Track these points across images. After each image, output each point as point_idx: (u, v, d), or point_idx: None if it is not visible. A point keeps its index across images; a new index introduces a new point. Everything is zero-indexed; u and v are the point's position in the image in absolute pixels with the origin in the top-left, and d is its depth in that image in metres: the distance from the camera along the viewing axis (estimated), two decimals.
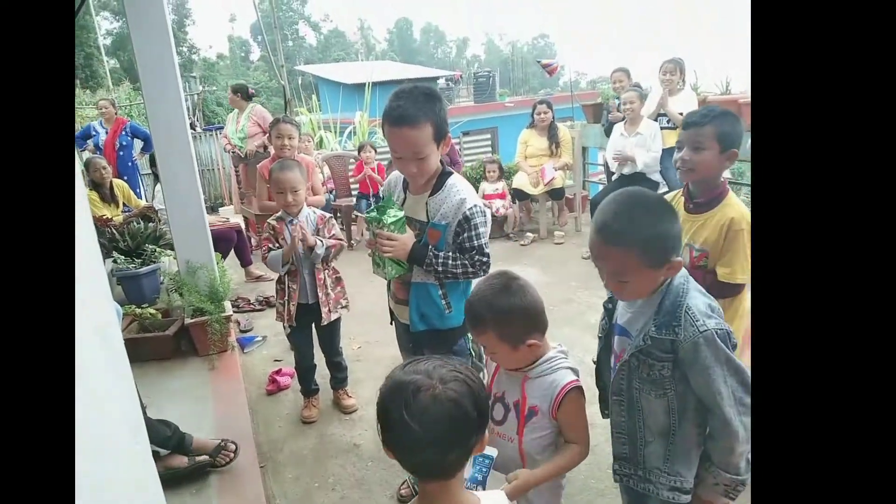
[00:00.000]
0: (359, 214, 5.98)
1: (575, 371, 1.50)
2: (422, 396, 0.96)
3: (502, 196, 5.94)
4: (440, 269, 1.87)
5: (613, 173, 5.23)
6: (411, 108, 1.72)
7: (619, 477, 1.47)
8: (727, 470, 1.33)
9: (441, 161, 1.95)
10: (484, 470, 1.41)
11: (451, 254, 1.89)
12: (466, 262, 1.87)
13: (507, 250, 5.67)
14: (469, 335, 1.99)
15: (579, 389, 1.47)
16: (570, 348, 1.61)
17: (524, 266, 5.17)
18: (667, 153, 4.67)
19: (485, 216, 1.87)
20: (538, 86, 32.62)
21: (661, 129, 4.78)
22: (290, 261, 2.72)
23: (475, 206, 1.85)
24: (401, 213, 1.95)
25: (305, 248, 2.69)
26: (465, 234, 1.86)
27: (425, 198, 1.92)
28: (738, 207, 1.89)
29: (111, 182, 5.02)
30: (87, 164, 4.93)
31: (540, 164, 5.73)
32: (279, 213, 2.82)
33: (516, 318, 1.42)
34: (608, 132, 5.50)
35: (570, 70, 8.59)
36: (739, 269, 1.88)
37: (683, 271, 1.35)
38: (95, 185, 4.85)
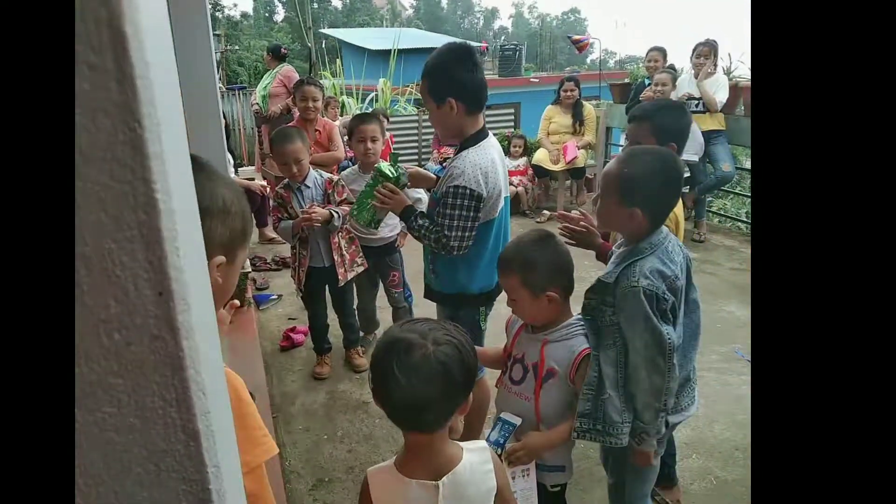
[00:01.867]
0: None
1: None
2: (413, 354, 1.01)
3: (523, 173, 5.92)
4: (416, 233, 1.94)
5: None
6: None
7: (578, 434, 1.52)
8: (636, 416, 1.47)
9: (483, 130, 1.94)
10: (507, 435, 1.52)
11: (428, 223, 1.92)
12: (431, 234, 1.89)
13: (522, 227, 5.67)
14: (483, 310, 2.05)
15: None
16: None
17: None
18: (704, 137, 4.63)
19: (464, 197, 1.81)
20: (565, 62, 32.00)
21: (693, 112, 4.72)
22: (301, 231, 2.73)
23: (458, 186, 1.81)
24: (403, 176, 2.06)
25: (321, 224, 2.69)
26: (438, 209, 1.87)
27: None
28: None
29: None
30: None
31: (562, 142, 5.70)
32: (286, 181, 2.82)
33: (542, 267, 1.49)
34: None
35: (600, 48, 8.41)
36: None
37: (664, 231, 1.51)
38: None
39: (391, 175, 2.02)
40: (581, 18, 64.52)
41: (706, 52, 4.72)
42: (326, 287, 2.95)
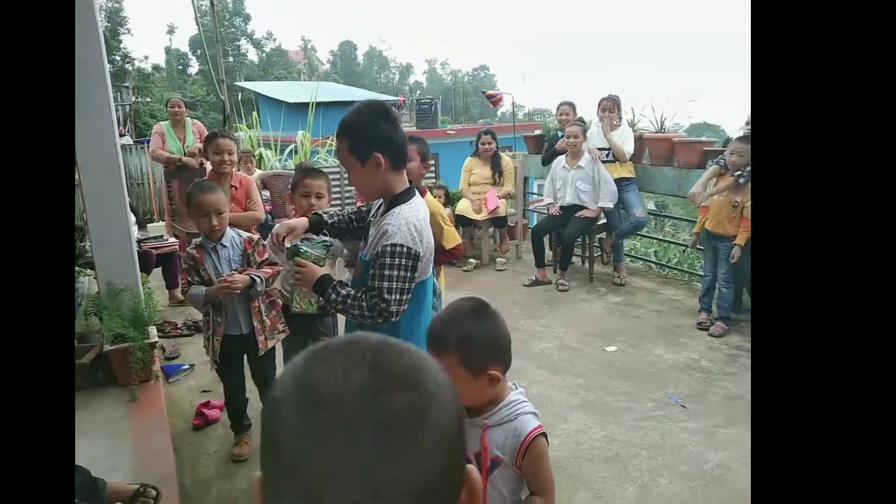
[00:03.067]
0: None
1: (537, 415, 1.43)
2: None
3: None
4: (339, 306, 1.80)
5: (550, 206, 5.35)
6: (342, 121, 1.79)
7: None
8: None
9: (412, 184, 1.87)
10: None
11: (353, 291, 1.79)
12: (364, 302, 1.74)
13: (450, 276, 5.62)
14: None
15: (543, 436, 1.39)
16: (517, 379, 1.56)
17: (467, 292, 5.14)
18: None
19: (402, 256, 1.71)
20: (478, 115, 33.32)
21: (603, 162, 4.95)
22: (215, 299, 2.52)
23: (395, 244, 1.71)
24: (321, 249, 1.93)
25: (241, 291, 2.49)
26: (372, 272, 1.74)
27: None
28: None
29: None
30: None
31: (483, 192, 5.79)
32: (199, 240, 2.61)
33: (482, 344, 1.35)
34: (546, 162, 5.64)
35: (511, 102, 8.77)
36: None
37: None
38: None
39: (307, 255, 1.89)
40: (490, 74, 67.86)
41: (610, 107, 5.02)
42: (245, 356, 2.71)
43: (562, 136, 5.23)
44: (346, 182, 6.88)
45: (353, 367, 0.47)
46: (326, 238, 2.03)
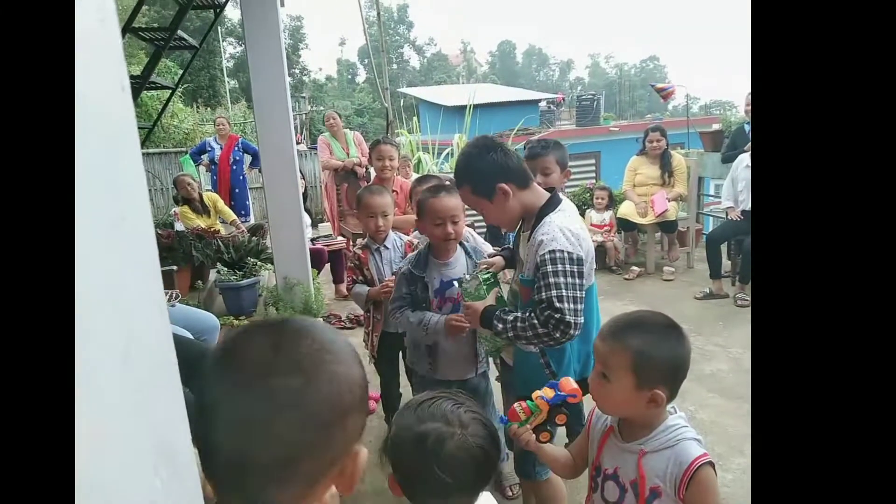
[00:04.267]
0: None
1: (701, 442, 1.24)
2: (448, 446, 0.98)
3: (610, 227, 5.59)
4: (511, 334, 1.64)
5: (730, 209, 4.76)
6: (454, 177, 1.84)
7: None
8: None
9: (554, 193, 1.77)
10: None
11: (519, 314, 1.65)
12: (535, 320, 1.57)
13: (609, 284, 5.29)
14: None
15: (711, 465, 1.20)
16: (683, 403, 1.33)
17: (627, 303, 4.78)
18: None
19: (564, 261, 1.57)
20: (645, 110, 31.50)
21: None
22: (377, 298, 2.58)
23: (550, 250, 1.58)
24: (483, 275, 1.85)
25: None
26: (537, 285, 1.60)
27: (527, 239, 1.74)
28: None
29: (201, 194, 5.30)
30: (175, 182, 5.26)
31: (650, 194, 5.33)
32: (364, 241, 2.71)
33: (661, 360, 1.21)
34: (727, 160, 5.02)
35: (684, 95, 8.05)
36: None
37: None
38: (186, 199, 5.14)
39: (466, 292, 1.86)
40: (660, 65, 63.85)
41: None
42: (400, 353, 2.76)
43: (748, 131, 4.62)
44: None
45: (261, 344, 0.61)
46: (486, 270, 1.96)
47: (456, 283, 1.92)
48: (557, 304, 1.54)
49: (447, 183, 2.14)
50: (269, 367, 0.59)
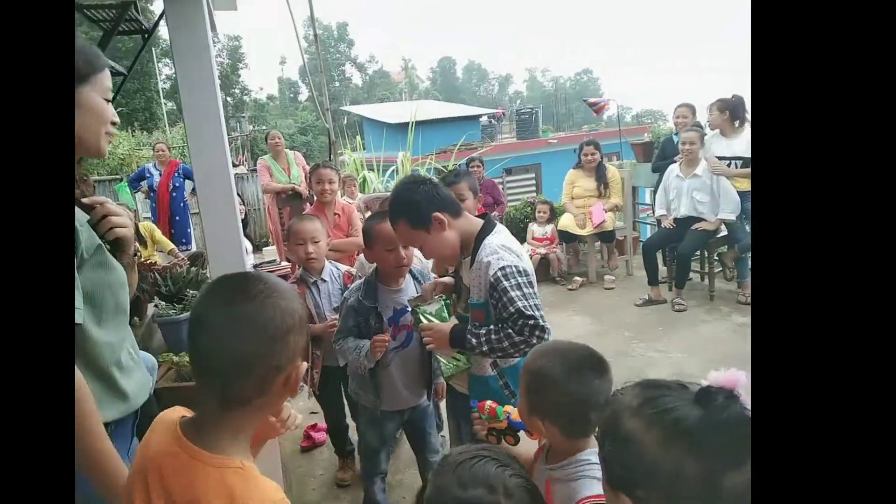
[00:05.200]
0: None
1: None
2: None
3: (551, 240, 5.73)
4: (486, 348, 1.67)
5: (663, 218, 4.98)
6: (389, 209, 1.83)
7: None
8: None
9: (487, 217, 1.82)
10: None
11: (492, 327, 1.68)
12: (511, 330, 1.62)
13: (553, 295, 5.42)
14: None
15: None
16: None
17: (572, 313, 4.90)
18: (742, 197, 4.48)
19: (517, 275, 1.64)
20: (582, 121, 32.50)
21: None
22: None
23: (500, 267, 1.65)
24: (439, 303, 1.88)
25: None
26: (500, 302, 1.65)
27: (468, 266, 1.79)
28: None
29: (137, 225, 5.11)
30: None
31: (588, 206, 5.51)
32: (298, 272, 2.63)
33: (550, 391, 1.19)
34: (657, 170, 5.26)
35: (616, 106, 8.38)
36: None
37: None
38: None
39: (425, 313, 1.87)
40: (594, 77, 66.13)
41: (720, 107, 4.64)
42: (342, 386, 2.70)
43: (677, 142, 4.86)
44: None
45: (230, 285, 0.90)
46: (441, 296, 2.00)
47: (419, 308, 1.91)
48: (528, 313, 1.60)
49: None
50: (233, 298, 0.87)
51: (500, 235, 1.78)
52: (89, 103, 1.10)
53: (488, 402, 1.45)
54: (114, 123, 1.18)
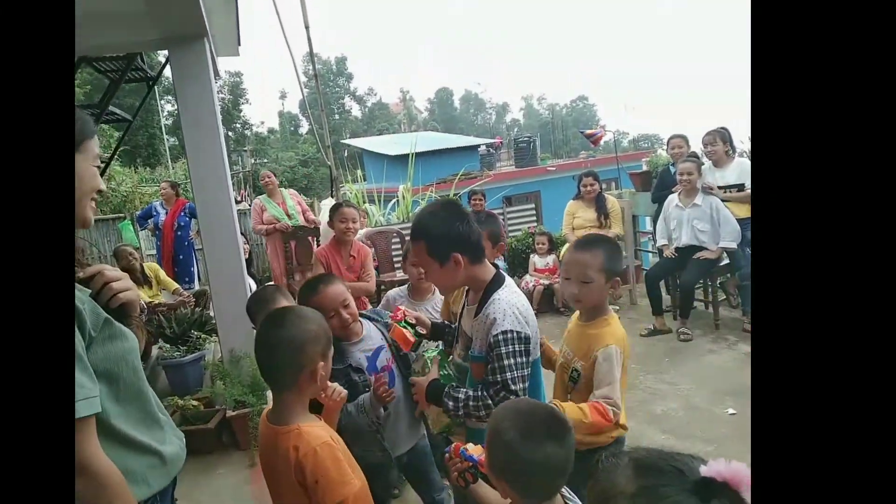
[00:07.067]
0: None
1: None
2: None
3: (552, 271, 5.74)
4: (461, 412, 1.66)
5: (664, 247, 5.00)
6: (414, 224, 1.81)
7: None
8: None
9: (498, 269, 1.80)
10: None
11: (471, 392, 1.67)
12: (490, 400, 1.61)
13: (558, 326, 5.39)
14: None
15: None
16: (635, 443, 1.34)
17: None
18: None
19: (515, 342, 1.61)
20: (579, 147, 32.79)
21: (724, 201, 4.59)
22: None
23: (503, 331, 1.61)
24: (429, 353, 1.88)
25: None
26: (490, 366, 1.63)
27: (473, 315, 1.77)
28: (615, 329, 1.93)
29: (142, 265, 5.16)
30: (116, 254, 5.15)
31: None
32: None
33: (504, 452, 1.18)
34: (657, 200, 5.30)
35: (613, 133, 8.46)
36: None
37: None
38: (126, 270, 4.97)
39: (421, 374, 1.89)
40: (590, 104, 67.00)
41: (711, 140, 4.76)
42: None
43: (674, 172, 4.91)
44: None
45: (275, 315, 1.54)
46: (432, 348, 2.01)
47: (385, 346, 1.92)
48: (512, 387, 1.59)
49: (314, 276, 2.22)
50: (273, 324, 1.48)
51: (510, 291, 1.75)
52: (78, 172, 1.08)
53: (459, 445, 1.45)
54: (99, 192, 1.16)
